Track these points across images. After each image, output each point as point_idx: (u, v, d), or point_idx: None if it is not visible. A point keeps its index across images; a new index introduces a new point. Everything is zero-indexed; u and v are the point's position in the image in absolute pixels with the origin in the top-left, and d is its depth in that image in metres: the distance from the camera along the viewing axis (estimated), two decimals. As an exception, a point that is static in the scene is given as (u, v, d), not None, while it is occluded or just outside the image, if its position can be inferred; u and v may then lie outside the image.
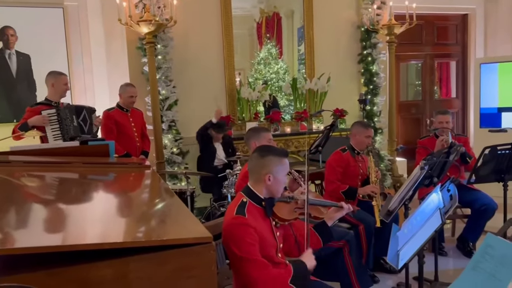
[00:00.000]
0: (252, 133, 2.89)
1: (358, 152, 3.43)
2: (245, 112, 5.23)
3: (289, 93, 5.71)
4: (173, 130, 4.83)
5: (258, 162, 1.98)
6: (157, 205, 1.80)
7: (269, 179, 1.95)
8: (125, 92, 4.26)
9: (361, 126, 3.42)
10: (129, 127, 4.31)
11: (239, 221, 1.87)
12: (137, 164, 2.69)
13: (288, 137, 5.30)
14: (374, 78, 5.65)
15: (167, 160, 4.72)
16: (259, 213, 1.98)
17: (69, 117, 3.58)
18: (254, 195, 1.99)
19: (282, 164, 2.00)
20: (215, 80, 5.16)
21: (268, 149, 2.05)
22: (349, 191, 3.30)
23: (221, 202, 3.92)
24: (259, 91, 5.15)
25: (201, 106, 5.03)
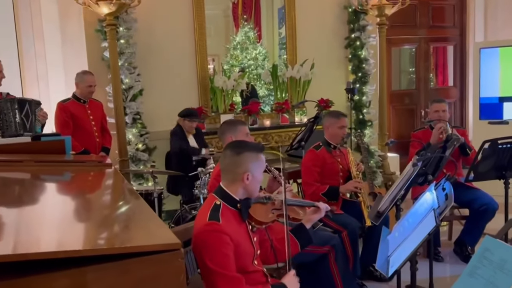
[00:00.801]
0: (228, 126, 2.89)
1: (334, 146, 3.45)
2: (220, 103, 5.25)
3: (269, 82, 5.74)
4: (137, 123, 4.81)
5: (233, 160, 2.00)
6: (119, 208, 1.81)
7: (247, 178, 1.98)
8: (83, 81, 4.22)
9: (332, 117, 3.43)
10: (87, 121, 4.27)
11: (213, 228, 1.88)
12: (96, 162, 2.69)
13: (267, 130, 5.34)
14: (363, 65, 5.73)
15: (131, 158, 4.70)
16: (234, 216, 2.00)
17: (10, 111, 3.50)
18: (228, 197, 2.00)
19: (259, 160, 2.03)
20: (186, 67, 5.16)
21: (242, 144, 2.07)
22: (330, 191, 3.32)
23: (192, 204, 3.94)
24: (235, 80, 5.17)
25: (170, 97, 5.02)
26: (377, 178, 5.57)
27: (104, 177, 2.46)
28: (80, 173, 2.45)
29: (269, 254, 2.17)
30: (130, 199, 1.91)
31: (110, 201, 1.95)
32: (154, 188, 3.77)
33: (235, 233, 1.93)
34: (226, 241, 1.88)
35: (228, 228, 1.90)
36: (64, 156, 2.67)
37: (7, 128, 3.45)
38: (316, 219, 2.31)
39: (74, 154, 2.92)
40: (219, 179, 2.64)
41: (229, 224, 1.93)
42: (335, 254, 2.81)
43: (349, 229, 3.16)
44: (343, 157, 3.46)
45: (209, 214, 1.93)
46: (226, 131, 2.87)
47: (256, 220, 2.05)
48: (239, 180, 2.00)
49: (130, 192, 2.03)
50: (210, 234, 1.88)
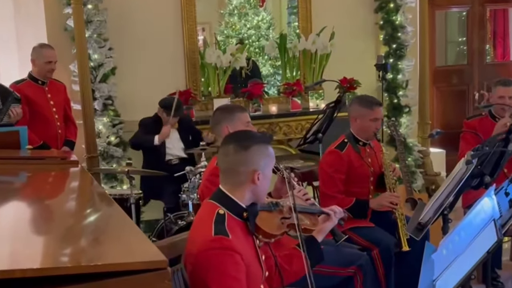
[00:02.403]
0: (223, 113, 2.89)
1: (364, 143, 3.44)
2: (212, 84, 5.24)
3: (275, 57, 5.66)
4: (109, 111, 4.83)
5: (240, 157, 2.01)
6: (88, 217, 1.83)
7: (258, 178, 1.99)
8: (40, 57, 4.23)
9: (363, 106, 3.38)
10: (46, 107, 4.29)
11: (222, 244, 1.88)
12: (59, 159, 2.71)
13: (274, 119, 5.31)
14: (398, 34, 5.70)
15: (101, 154, 4.72)
16: (240, 229, 2.00)
17: None
18: (233, 204, 2.01)
19: (269, 154, 2.05)
20: (169, 38, 5.15)
21: (249, 136, 2.09)
22: (357, 206, 3.28)
23: (178, 213, 3.96)
24: (232, 54, 5.15)
25: (150, 77, 5.02)
26: (417, 180, 5.55)
27: (68, 178, 2.48)
28: (38, 173, 2.47)
29: (273, 275, 2.17)
30: (101, 206, 1.93)
31: (76, 208, 1.98)
32: (130, 192, 3.78)
33: (244, 251, 1.94)
34: (238, 262, 1.88)
35: (238, 245, 1.91)
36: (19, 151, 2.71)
37: None
38: (328, 228, 2.31)
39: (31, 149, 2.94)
40: (214, 180, 2.62)
41: (238, 239, 1.94)
42: (363, 277, 2.80)
43: (382, 246, 3.14)
44: (373, 156, 3.45)
45: (213, 226, 1.92)
46: (221, 120, 2.86)
47: (265, 233, 2.05)
48: (248, 181, 2.00)
49: (101, 196, 2.05)
50: (217, 253, 1.87)
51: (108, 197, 2.05)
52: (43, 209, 1.88)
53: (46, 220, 1.73)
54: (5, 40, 5.05)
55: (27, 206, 1.94)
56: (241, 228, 2.01)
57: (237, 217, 2.01)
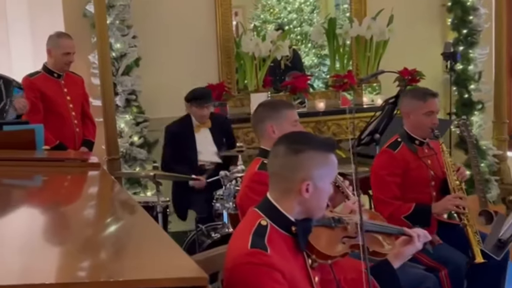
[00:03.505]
0: (267, 110, 2.90)
1: (420, 142, 3.42)
2: (249, 76, 5.22)
3: (320, 45, 5.65)
4: (133, 107, 4.86)
5: (288, 161, 2.01)
6: (110, 226, 1.84)
7: (306, 190, 1.98)
8: (57, 47, 4.29)
9: (414, 98, 3.40)
10: (62, 102, 4.35)
11: (258, 259, 1.89)
12: (79, 161, 2.74)
13: (321, 117, 5.28)
14: (470, 17, 5.61)
15: (124, 156, 4.76)
16: (286, 245, 1.99)
17: None
18: (279, 216, 2.01)
19: (328, 163, 2.02)
20: (200, 24, 5.17)
21: (305, 139, 2.08)
22: (416, 213, 3.27)
23: (211, 224, 3.96)
24: (272, 42, 5.14)
25: (178, 68, 5.04)
26: (491, 189, 5.45)
27: (88, 182, 2.50)
28: (55, 177, 2.50)
29: None
30: (126, 214, 1.95)
31: (96, 216, 1.99)
32: (157, 200, 3.80)
33: (288, 269, 1.92)
34: (277, 280, 1.87)
35: (279, 261, 1.90)
36: (34, 152, 2.74)
37: None
38: (409, 254, 2.27)
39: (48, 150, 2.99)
40: (254, 187, 2.66)
41: (281, 256, 1.93)
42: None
43: (451, 266, 3.11)
44: (434, 158, 3.42)
45: (250, 238, 1.93)
46: (264, 117, 2.87)
47: (319, 253, 2.03)
48: (295, 191, 1.99)
49: (126, 203, 2.06)
50: (253, 269, 1.88)
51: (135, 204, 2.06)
52: (58, 217, 1.90)
53: (61, 229, 1.75)
54: (17, 27, 5.16)
55: (41, 213, 1.96)
56: (288, 243, 2.00)
57: (282, 231, 2.00)
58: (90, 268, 1.40)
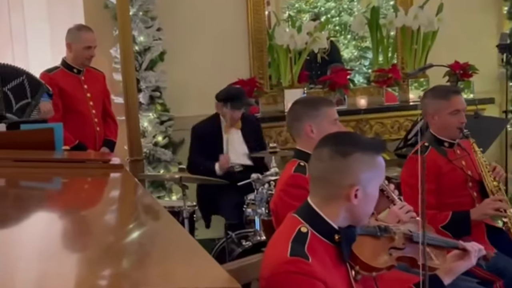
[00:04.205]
0: (305, 108, 2.88)
1: (450, 144, 3.40)
2: (283, 71, 5.22)
3: (362, 36, 5.69)
4: (157, 105, 4.90)
5: (335, 165, 2.00)
6: (134, 232, 1.84)
7: (355, 196, 1.97)
8: (78, 41, 4.34)
9: (438, 97, 3.37)
10: (82, 100, 4.40)
11: (299, 268, 1.89)
12: (100, 162, 2.76)
13: (362, 115, 5.26)
14: (528, 5, 5.52)
15: (147, 157, 4.79)
16: (327, 253, 1.99)
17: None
18: (321, 223, 2.01)
19: (377, 166, 2.01)
20: (230, 15, 5.20)
21: (352, 140, 2.07)
22: (454, 222, 3.24)
23: (242, 231, 3.95)
24: (309, 33, 5.13)
25: (206, 63, 5.07)
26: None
27: (110, 184, 2.52)
28: (75, 179, 2.52)
29: None
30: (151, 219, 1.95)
31: (119, 221, 2.00)
32: (183, 205, 3.80)
33: (330, 280, 1.92)
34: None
35: (321, 271, 1.90)
36: (54, 152, 2.76)
37: None
38: (462, 270, 2.25)
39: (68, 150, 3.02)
40: (291, 192, 2.66)
41: (322, 265, 1.93)
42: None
43: (508, 277, 3.08)
44: (468, 158, 3.41)
45: (290, 246, 1.93)
46: (301, 116, 2.86)
47: (363, 264, 2.01)
48: (342, 197, 1.98)
49: (152, 207, 2.06)
50: (293, 278, 1.88)
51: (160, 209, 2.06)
52: (78, 222, 1.91)
53: (81, 235, 1.76)
54: (35, 20, 5.23)
55: (60, 218, 1.98)
56: (330, 252, 2.00)
57: (324, 239, 2.00)
58: (111, 276, 1.39)
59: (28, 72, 3.90)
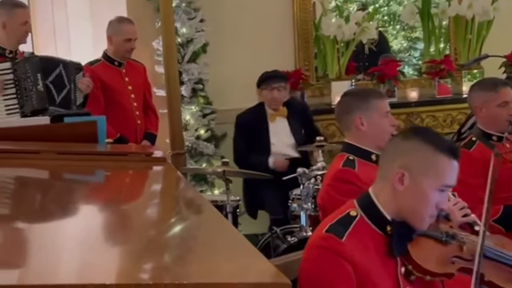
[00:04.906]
0: (355, 100, 2.89)
1: (499, 138, 3.37)
2: (330, 63, 5.20)
3: (412, 26, 5.61)
4: (199, 97, 4.92)
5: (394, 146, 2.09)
6: (176, 225, 1.87)
7: (400, 181, 1.98)
8: (118, 33, 4.39)
9: (484, 89, 3.38)
10: (123, 92, 4.45)
11: (328, 245, 1.94)
12: (143, 155, 2.80)
13: (413, 108, 5.22)
14: None
15: (189, 151, 4.82)
16: (374, 242, 2.01)
17: (30, 76, 3.76)
18: (374, 210, 2.04)
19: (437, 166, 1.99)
20: (275, 6, 5.19)
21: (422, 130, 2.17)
22: (506, 215, 3.25)
23: (288, 226, 3.94)
24: (357, 23, 5.11)
25: (250, 55, 5.07)
26: None
27: (154, 177, 2.55)
28: (118, 172, 2.56)
29: None
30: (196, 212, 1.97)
31: (161, 215, 2.02)
32: (226, 199, 3.82)
33: (366, 267, 1.94)
34: (343, 270, 1.91)
35: (355, 254, 1.93)
36: (96, 145, 2.81)
37: (27, 101, 3.76)
38: None
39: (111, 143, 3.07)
40: (338, 187, 2.67)
41: (361, 250, 1.95)
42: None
43: None
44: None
45: (330, 224, 2.00)
46: (352, 108, 2.86)
47: (416, 265, 2.01)
48: (390, 180, 2.01)
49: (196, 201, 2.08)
50: (321, 253, 1.95)
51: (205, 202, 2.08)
52: (119, 216, 1.95)
53: (122, 229, 1.80)
54: (77, 16, 5.30)
55: (102, 210, 2.02)
56: (378, 242, 2.01)
57: (375, 228, 2.02)
58: (152, 270, 1.41)
59: (62, 60, 3.98)
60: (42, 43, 5.28)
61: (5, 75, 3.73)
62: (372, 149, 2.81)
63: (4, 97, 3.74)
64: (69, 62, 3.97)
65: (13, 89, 3.75)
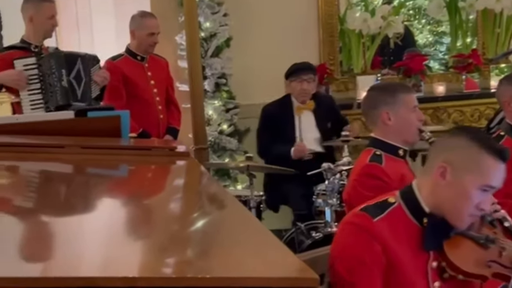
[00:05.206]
0: (382, 95, 2.88)
1: None
2: (355, 57, 5.20)
3: (438, 20, 5.61)
4: (222, 92, 4.94)
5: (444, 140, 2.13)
6: (199, 220, 1.87)
7: (442, 176, 1.99)
8: (141, 28, 4.42)
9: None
10: (146, 87, 4.48)
11: (360, 222, 2.00)
12: (167, 149, 2.82)
13: (440, 102, 5.20)
14: None
15: (212, 145, 4.84)
16: (408, 232, 2.03)
17: (55, 72, 3.82)
18: (413, 200, 2.06)
19: (483, 166, 1.98)
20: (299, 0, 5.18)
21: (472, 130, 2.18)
22: None
23: (312, 222, 3.94)
24: (383, 17, 5.10)
25: (273, 49, 5.07)
26: None
27: (178, 172, 2.56)
28: (142, 166, 2.57)
29: None
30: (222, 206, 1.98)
31: (184, 209, 2.02)
32: (250, 194, 3.82)
33: (396, 251, 1.97)
34: (372, 250, 1.95)
35: (386, 237, 1.96)
36: (120, 140, 2.83)
37: (51, 96, 3.81)
38: None
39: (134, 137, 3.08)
40: (365, 183, 2.67)
41: (393, 236, 1.98)
42: None
43: None
44: None
45: (366, 205, 2.05)
46: (378, 103, 2.86)
47: (451, 263, 2.02)
48: (433, 173, 2.02)
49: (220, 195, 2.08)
50: (353, 229, 2.01)
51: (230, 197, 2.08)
52: (142, 210, 1.96)
53: (145, 223, 1.80)
54: (101, 8, 5.33)
55: (125, 205, 2.03)
56: (412, 232, 2.03)
57: (412, 217, 2.04)
58: (175, 264, 1.42)
59: (79, 54, 4.02)
60: (65, 36, 5.33)
61: (30, 70, 3.78)
62: (399, 144, 2.80)
63: (28, 92, 3.78)
64: (86, 55, 4.01)
65: (38, 84, 3.79)
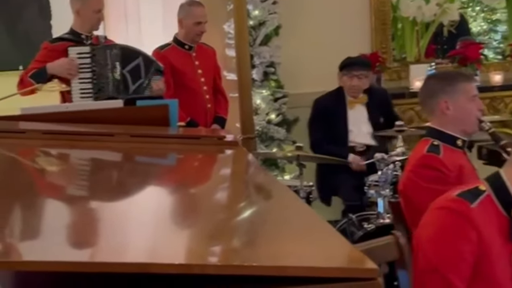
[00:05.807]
0: (440, 84, 2.85)
1: None
2: (409, 45, 5.16)
3: (492, 8, 5.53)
4: (271, 81, 4.91)
5: None
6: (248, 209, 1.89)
7: None
8: (189, 16, 4.43)
9: None
10: (193, 76, 4.48)
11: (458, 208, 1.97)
12: (215, 138, 2.86)
13: (497, 92, 5.10)
14: None
15: (259, 135, 4.82)
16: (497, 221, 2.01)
17: (109, 63, 3.89)
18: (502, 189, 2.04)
19: None
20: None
21: None
22: None
23: (364, 213, 3.91)
24: (438, 4, 5.04)
25: (323, 37, 5.02)
26: None
27: (227, 161, 2.59)
28: (191, 155, 2.60)
29: None
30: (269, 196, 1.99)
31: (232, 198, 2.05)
32: (299, 184, 3.82)
33: (489, 239, 1.97)
34: (469, 238, 1.94)
35: (482, 225, 1.95)
36: (168, 128, 2.88)
37: (103, 87, 3.90)
38: None
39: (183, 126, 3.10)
40: (422, 174, 2.64)
41: (487, 225, 1.98)
42: None
43: None
44: None
45: (460, 191, 2.01)
46: (437, 92, 2.82)
47: None
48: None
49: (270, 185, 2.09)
50: (450, 215, 1.99)
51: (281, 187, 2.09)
52: (190, 198, 2.00)
53: (192, 211, 1.84)
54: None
55: (173, 193, 2.07)
56: (501, 222, 2.02)
57: (501, 207, 2.03)
58: (221, 252, 1.43)
59: (143, 53, 4.08)
60: (113, 26, 5.36)
61: (83, 58, 3.84)
62: (457, 134, 2.75)
63: (79, 80, 3.84)
64: (153, 60, 4.06)
65: (89, 73, 3.86)
